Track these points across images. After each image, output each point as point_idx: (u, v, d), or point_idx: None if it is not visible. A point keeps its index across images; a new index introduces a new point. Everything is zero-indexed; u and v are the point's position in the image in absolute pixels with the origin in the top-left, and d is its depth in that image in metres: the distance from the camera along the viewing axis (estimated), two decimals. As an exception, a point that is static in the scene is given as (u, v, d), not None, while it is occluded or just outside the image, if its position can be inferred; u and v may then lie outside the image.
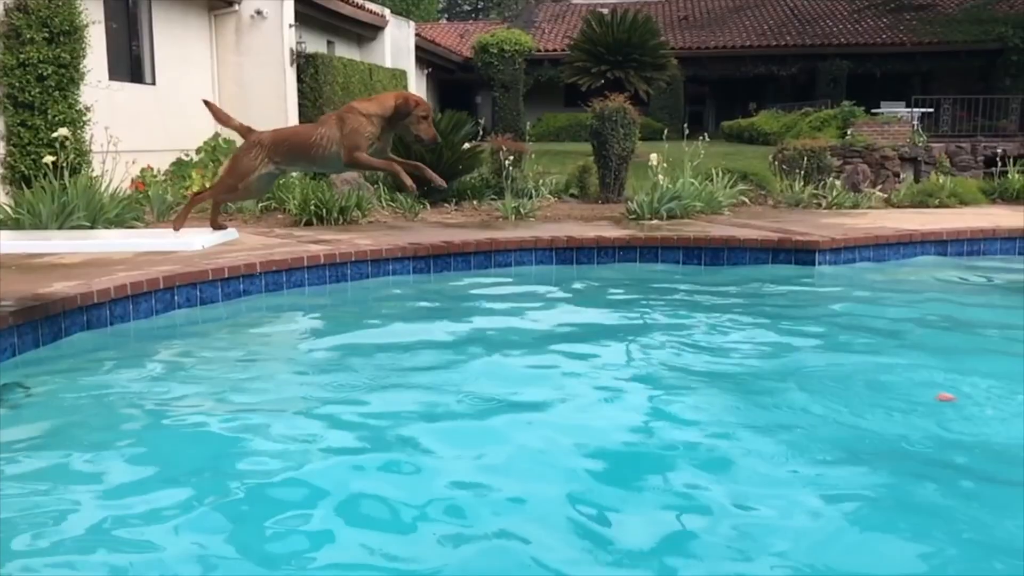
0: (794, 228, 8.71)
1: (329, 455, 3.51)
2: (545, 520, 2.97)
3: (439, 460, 3.50)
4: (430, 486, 3.23)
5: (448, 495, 3.16)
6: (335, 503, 3.09)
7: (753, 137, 21.42)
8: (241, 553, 2.76)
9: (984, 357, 5.12)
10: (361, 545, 2.82)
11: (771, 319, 6.10)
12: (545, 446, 3.62)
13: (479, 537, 2.86)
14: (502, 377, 4.56)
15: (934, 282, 7.60)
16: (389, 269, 7.29)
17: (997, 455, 3.53)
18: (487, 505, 3.09)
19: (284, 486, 3.22)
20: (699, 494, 3.18)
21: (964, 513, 3.07)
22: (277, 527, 2.93)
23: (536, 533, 2.86)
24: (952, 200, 11.29)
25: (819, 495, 3.17)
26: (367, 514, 3.02)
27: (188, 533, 2.86)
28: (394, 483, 3.28)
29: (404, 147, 10.88)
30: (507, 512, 3.04)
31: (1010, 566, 2.71)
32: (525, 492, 3.17)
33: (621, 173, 11.78)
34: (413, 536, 2.87)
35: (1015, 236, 8.72)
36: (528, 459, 3.51)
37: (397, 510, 3.03)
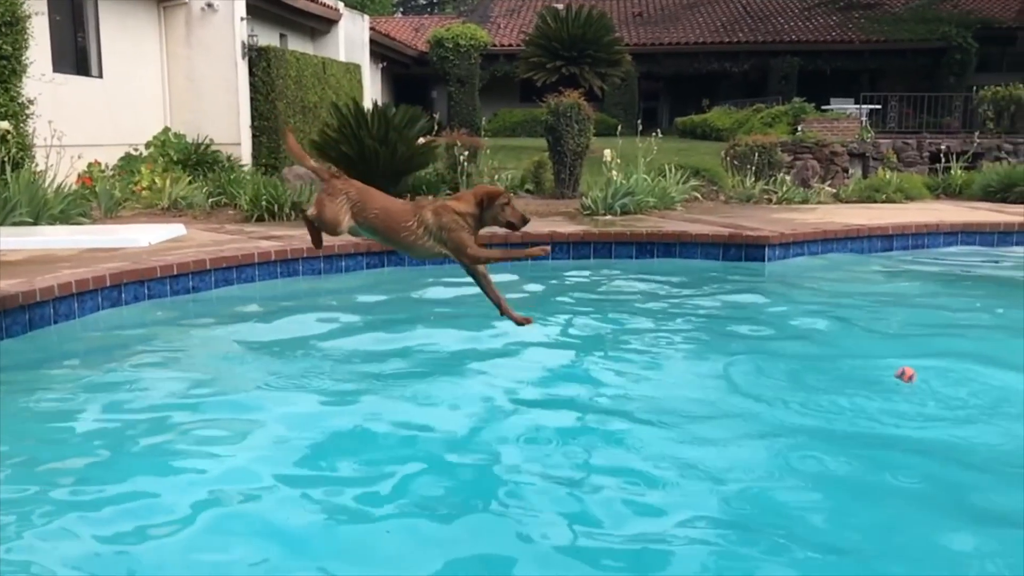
0: (745, 223, 8.83)
1: (276, 454, 3.48)
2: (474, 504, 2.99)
3: (393, 453, 3.50)
4: (385, 477, 3.23)
5: (408, 487, 3.16)
6: (279, 497, 3.07)
7: (706, 133, 21.66)
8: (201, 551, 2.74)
9: (931, 343, 5.28)
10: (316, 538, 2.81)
11: (721, 313, 6.18)
12: (493, 428, 3.63)
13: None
14: (453, 370, 4.56)
15: (880, 275, 7.77)
16: (342, 265, 7.24)
17: (949, 435, 3.64)
18: (448, 495, 3.10)
19: (228, 481, 3.20)
20: (658, 479, 3.22)
21: (920, 489, 3.18)
22: (233, 524, 2.91)
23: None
24: (898, 195, 11.54)
25: (776, 477, 3.24)
26: (312, 508, 3.01)
27: (115, 527, 2.84)
28: (345, 474, 3.27)
29: (358, 142, 10.82)
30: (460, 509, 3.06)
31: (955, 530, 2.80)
32: (480, 478, 3.19)
33: (576, 169, 11.83)
34: (364, 527, 2.87)
35: (957, 231, 8.95)
36: (473, 436, 3.53)
37: (347, 498, 3.03)
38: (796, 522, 2.95)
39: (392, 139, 10.88)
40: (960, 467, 3.40)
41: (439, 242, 3.87)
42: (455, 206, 3.87)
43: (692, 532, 2.87)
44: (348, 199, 3.92)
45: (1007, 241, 8.92)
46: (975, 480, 3.30)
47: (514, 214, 3.90)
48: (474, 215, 3.85)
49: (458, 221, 3.83)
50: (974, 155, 14.68)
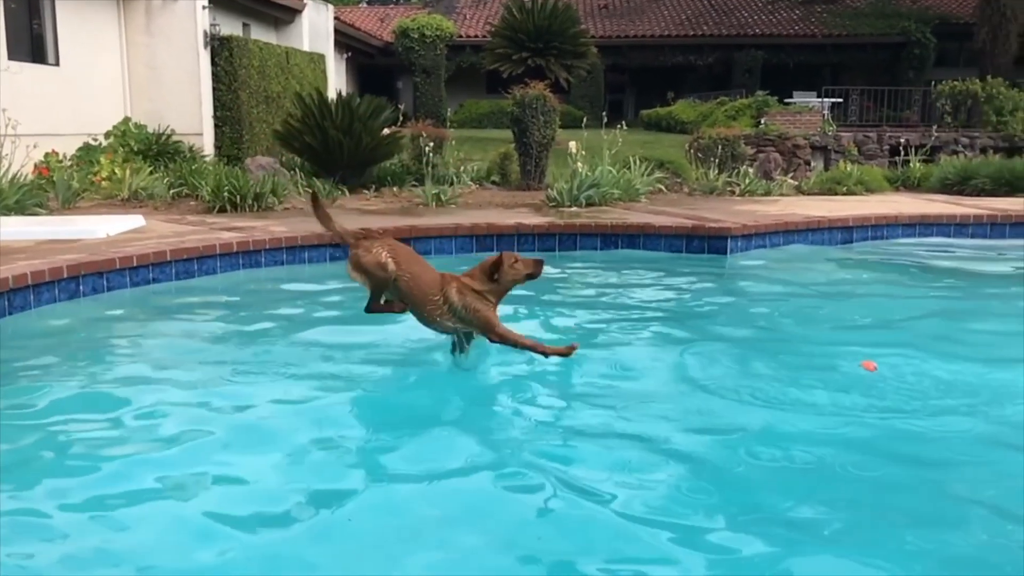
0: (708, 215, 8.90)
1: (236, 445, 3.45)
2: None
3: (353, 445, 3.49)
4: (348, 466, 3.23)
5: (374, 477, 3.16)
6: (239, 490, 3.06)
7: (671, 126, 21.80)
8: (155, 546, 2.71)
9: (890, 332, 5.38)
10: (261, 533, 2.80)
11: (683, 304, 6.24)
12: (456, 420, 3.64)
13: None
14: (421, 361, 4.54)
15: (840, 266, 7.89)
16: (305, 257, 7.18)
17: (907, 423, 3.72)
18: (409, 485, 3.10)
19: (185, 470, 3.17)
20: (618, 466, 3.25)
21: (878, 476, 3.25)
22: (193, 516, 2.88)
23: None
24: (859, 188, 11.70)
25: (734, 465, 3.28)
26: (264, 506, 2.99)
27: (68, 520, 2.81)
28: (305, 465, 3.26)
29: (322, 133, 10.74)
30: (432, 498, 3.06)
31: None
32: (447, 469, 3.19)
33: (542, 160, 11.85)
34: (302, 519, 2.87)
35: (915, 222, 9.10)
36: (434, 439, 3.53)
37: (313, 488, 3.02)
38: (753, 509, 3.00)
39: (356, 130, 10.83)
40: (917, 455, 3.47)
41: (462, 321, 3.93)
42: (472, 284, 3.93)
43: (654, 520, 2.90)
44: (383, 246, 3.97)
45: (963, 233, 9.08)
46: (932, 467, 3.37)
47: (526, 265, 3.96)
48: (492, 289, 3.93)
49: (481, 300, 3.89)
50: (932, 148, 14.93)
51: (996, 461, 3.42)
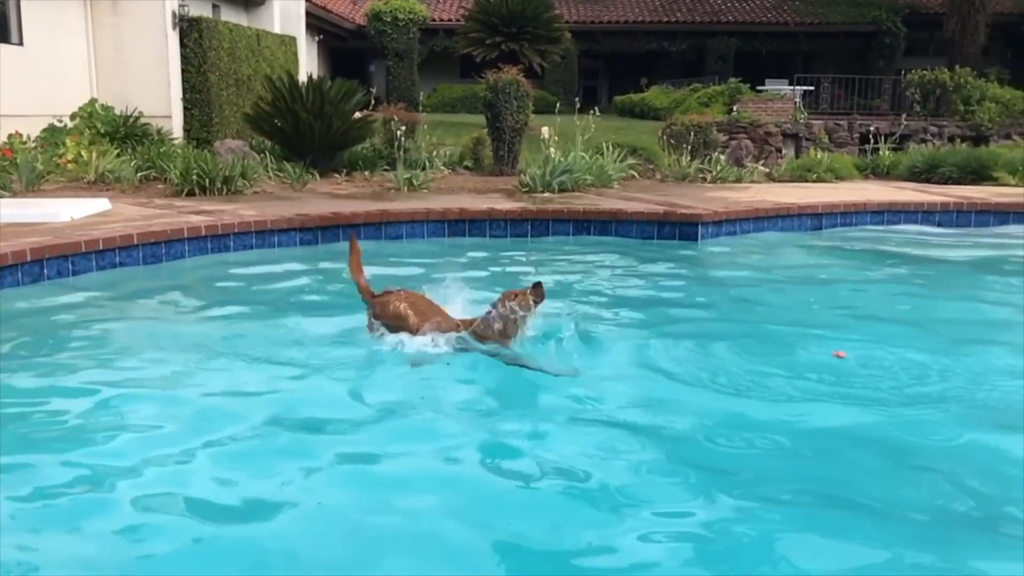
0: (679, 201, 8.94)
1: (202, 431, 3.42)
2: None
3: (321, 433, 3.47)
4: (313, 460, 3.21)
5: (339, 470, 3.15)
6: (203, 477, 3.03)
7: (644, 112, 21.82)
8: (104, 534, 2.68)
9: (858, 318, 5.44)
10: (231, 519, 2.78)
11: (654, 289, 6.26)
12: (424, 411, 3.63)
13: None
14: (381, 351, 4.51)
15: (810, 252, 7.96)
16: (274, 241, 7.12)
17: (876, 410, 3.77)
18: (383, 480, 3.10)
19: (150, 458, 3.14)
20: (581, 450, 3.26)
21: (842, 460, 3.29)
22: (162, 501, 2.86)
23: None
24: (829, 175, 11.80)
25: (700, 452, 3.30)
26: (232, 493, 2.97)
27: (30, 507, 2.77)
28: (265, 456, 3.23)
29: (293, 116, 10.63)
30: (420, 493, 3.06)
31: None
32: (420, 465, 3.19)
33: (515, 146, 11.82)
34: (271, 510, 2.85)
35: (883, 210, 9.20)
36: (406, 423, 3.52)
37: (278, 474, 3.00)
38: (722, 493, 3.02)
39: (327, 113, 10.73)
40: (885, 438, 3.52)
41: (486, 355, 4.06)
42: (484, 333, 4.04)
43: (621, 502, 2.92)
44: (401, 299, 4.07)
45: (930, 220, 9.20)
46: (900, 450, 3.42)
47: (529, 296, 4.00)
48: (501, 331, 4.01)
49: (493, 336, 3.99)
50: (901, 137, 15.08)
51: (965, 441, 3.48)
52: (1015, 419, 3.70)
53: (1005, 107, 17.26)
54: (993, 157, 11.84)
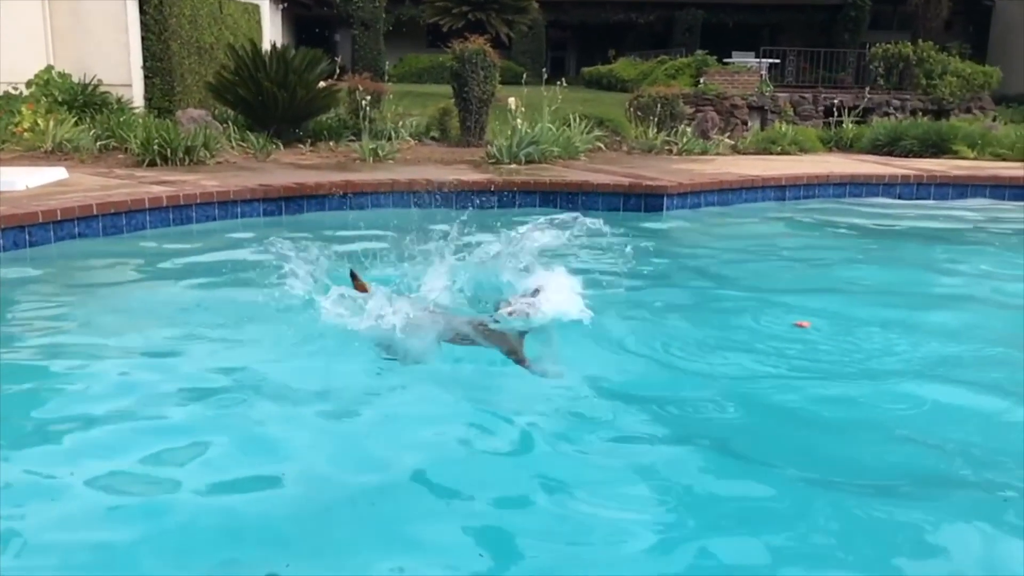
0: (645, 173, 8.97)
1: (161, 405, 3.40)
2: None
3: (282, 408, 3.47)
4: (269, 428, 3.21)
5: (297, 443, 3.15)
6: (158, 449, 3.02)
7: (612, 84, 21.79)
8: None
9: (820, 289, 5.55)
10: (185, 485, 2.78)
11: (619, 261, 6.29)
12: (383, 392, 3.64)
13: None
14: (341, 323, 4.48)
15: (773, 224, 8.06)
16: (238, 212, 7.04)
17: (837, 379, 3.87)
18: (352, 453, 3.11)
19: (105, 432, 3.12)
20: (544, 419, 3.30)
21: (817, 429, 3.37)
22: (113, 479, 2.85)
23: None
24: (793, 148, 11.90)
25: (662, 422, 3.35)
26: (198, 461, 2.97)
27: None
28: (224, 429, 3.23)
29: (256, 85, 10.48)
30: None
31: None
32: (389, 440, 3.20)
33: (482, 116, 11.75)
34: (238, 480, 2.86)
35: (845, 182, 9.32)
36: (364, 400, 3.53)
37: (224, 459, 3.00)
38: (682, 464, 3.08)
39: (291, 82, 10.58)
40: (847, 403, 3.61)
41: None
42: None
43: (581, 478, 2.96)
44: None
45: (891, 192, 9.34)
46: (861, 415, 3.51)
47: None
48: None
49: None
50: (865, 110, 15.23)
51: (923, 402, 3.60)
52: (968, 378, 3.85)
53: (966, 81, 17.48)
54: (953, 131, 12.01)
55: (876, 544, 2.59)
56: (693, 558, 2.50)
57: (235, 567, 2.40)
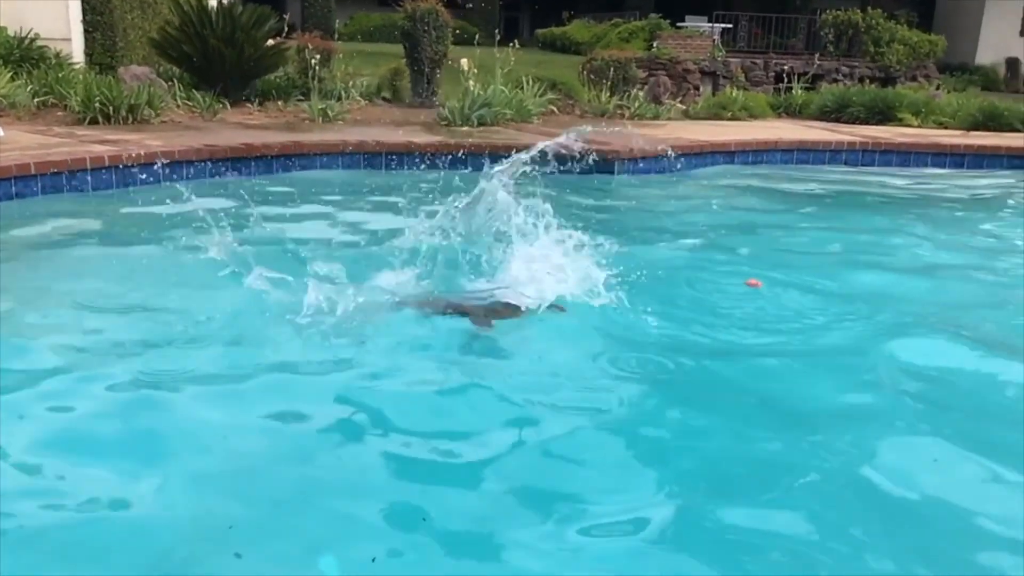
0: (597, 138, 8.98)
1: (97, 377, 3.34)
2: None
3: (223, 377, 3.44)
4: (201, 398, 3.19)
5: (231, 417, 3.14)
6: (93, 422, 2.98)
7: (566, 46, 21.69)
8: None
9: (771, 251, 5.70)
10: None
11: (571, 226, 6.32)
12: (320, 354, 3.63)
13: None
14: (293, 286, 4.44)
15: (721, 189, 8.14)
16: (183, 173, 6.90)
17: (785, 342, 3.98)
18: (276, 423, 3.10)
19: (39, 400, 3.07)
20: (496, 386, 3.33)
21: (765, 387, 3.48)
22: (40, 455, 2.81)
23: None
24: (743, 113, 12.01)
25: (613, 388, 3.41)
26: (126, 438, 2.94)
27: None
28: (152, 401, 3.18)
29: (202, 42, 10.22)
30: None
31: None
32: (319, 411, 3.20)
33: (434, 77, 11.63)
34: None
35: (793, 148, 9.45)
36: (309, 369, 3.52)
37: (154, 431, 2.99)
38: (632, 424, 3.14)
39: (239, 40, 10.34)
40: (796, 366, 3.72)
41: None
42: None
43: (535, 446, 3.00)
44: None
45: (837, 159, 9.50)
46: (812, 379, 3.62)
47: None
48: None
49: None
50: (815, 76, 15.43)
51: (871, 364, 3.72)
52: (903, 331, 4.07)
53: (912, 49, 17.77)
54: (899, 98, 12.23)
55: (832, 475, 2.75)
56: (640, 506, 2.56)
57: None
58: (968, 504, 2.65)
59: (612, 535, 2.43)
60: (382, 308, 3.99)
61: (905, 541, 2.46)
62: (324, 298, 3.81)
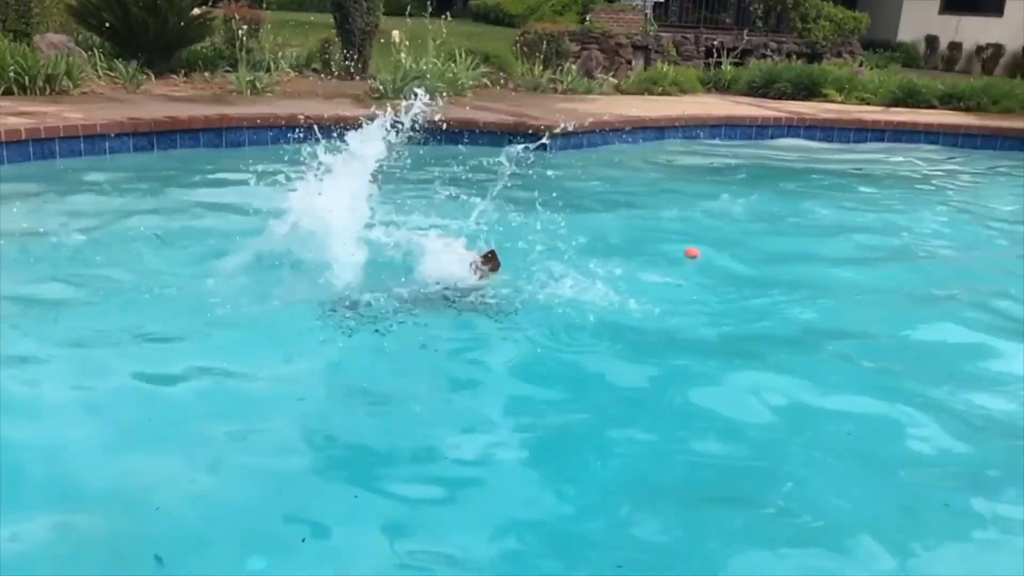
0: (530, 112, 9.02)
1: (22, 347, 3.29)
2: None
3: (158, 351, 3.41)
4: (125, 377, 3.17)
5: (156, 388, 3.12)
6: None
7: (499, 18, 21.55)
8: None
9: (699, 227, 5.86)
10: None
11: (502, 201, 6.36)
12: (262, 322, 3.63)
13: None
14: (221, 262, 4.40)
15: (652, 164, 8.28)
16: (105, 147, 6.71)
17: (719, 311, 4.16)
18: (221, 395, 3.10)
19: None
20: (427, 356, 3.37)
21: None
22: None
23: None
24: (674, 88, 12.15)
25: (548, 360, 3.49)
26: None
27: None
28: (87, 374, 3.17)
29: (123, 10, 9.91)
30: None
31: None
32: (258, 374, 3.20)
33: (365, 49, 11.46)
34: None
35: (721, 123, 9.64)
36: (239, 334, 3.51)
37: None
38: (574, 398, 3.24)
39: (162, 8, 10.03)
40: (732, 333, 3.87)
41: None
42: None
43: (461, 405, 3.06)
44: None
45: (764, 135, 9.72)
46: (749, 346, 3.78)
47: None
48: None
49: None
50: (744, 51, 15.65)
51: (792, 324, 3.90)
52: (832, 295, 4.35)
53: (838, 26, 18.15)
54: (823, 74, 12.51)
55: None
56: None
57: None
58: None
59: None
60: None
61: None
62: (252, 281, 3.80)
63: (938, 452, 2.99)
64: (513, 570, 2.28)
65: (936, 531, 2.52)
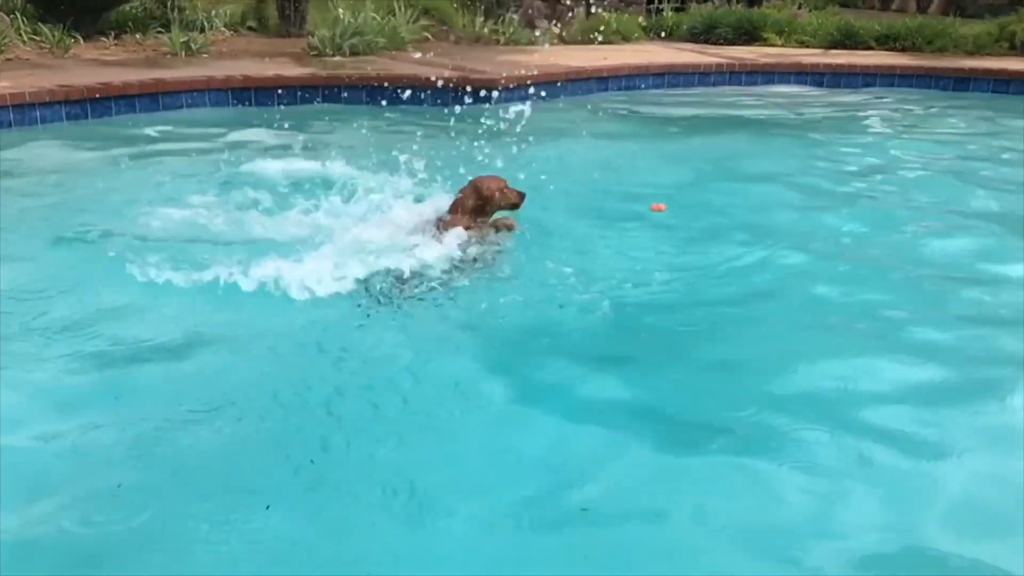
0: (474, 66, 8.94)
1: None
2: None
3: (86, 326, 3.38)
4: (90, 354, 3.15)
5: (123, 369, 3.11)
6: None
7: (439, -33, 21.15)
8: None
9: (650, 173, 5.99)
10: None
11: (450, 157, 6.34)
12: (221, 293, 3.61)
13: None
14: (170, 235, 4.34)
15: (597, 116, 8.29)
16: (36, 117, 6.51)
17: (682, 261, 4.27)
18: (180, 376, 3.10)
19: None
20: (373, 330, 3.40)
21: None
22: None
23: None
24: (616, 37, 12.12)
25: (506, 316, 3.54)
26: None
27: None
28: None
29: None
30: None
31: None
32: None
33: (301, 4, 11.21)
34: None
35: (664, 72, 9.67)
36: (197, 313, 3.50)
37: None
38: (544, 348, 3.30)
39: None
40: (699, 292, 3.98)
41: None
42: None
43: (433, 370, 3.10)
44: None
45: (706, 81, 9.78)
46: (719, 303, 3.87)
47: (511, 196, 4.30)
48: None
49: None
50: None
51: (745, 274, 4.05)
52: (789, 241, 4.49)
53: (776, -33, 18.16)
54: (763, 18, 12.56)
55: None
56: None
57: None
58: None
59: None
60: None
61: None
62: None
63: (898, 382, 3.15)
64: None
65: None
